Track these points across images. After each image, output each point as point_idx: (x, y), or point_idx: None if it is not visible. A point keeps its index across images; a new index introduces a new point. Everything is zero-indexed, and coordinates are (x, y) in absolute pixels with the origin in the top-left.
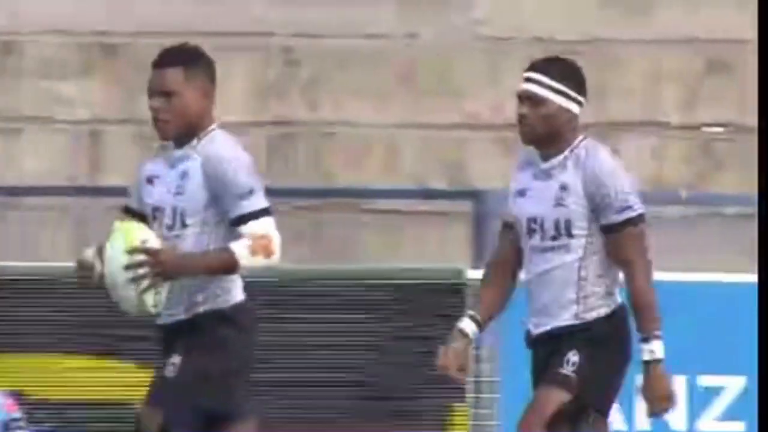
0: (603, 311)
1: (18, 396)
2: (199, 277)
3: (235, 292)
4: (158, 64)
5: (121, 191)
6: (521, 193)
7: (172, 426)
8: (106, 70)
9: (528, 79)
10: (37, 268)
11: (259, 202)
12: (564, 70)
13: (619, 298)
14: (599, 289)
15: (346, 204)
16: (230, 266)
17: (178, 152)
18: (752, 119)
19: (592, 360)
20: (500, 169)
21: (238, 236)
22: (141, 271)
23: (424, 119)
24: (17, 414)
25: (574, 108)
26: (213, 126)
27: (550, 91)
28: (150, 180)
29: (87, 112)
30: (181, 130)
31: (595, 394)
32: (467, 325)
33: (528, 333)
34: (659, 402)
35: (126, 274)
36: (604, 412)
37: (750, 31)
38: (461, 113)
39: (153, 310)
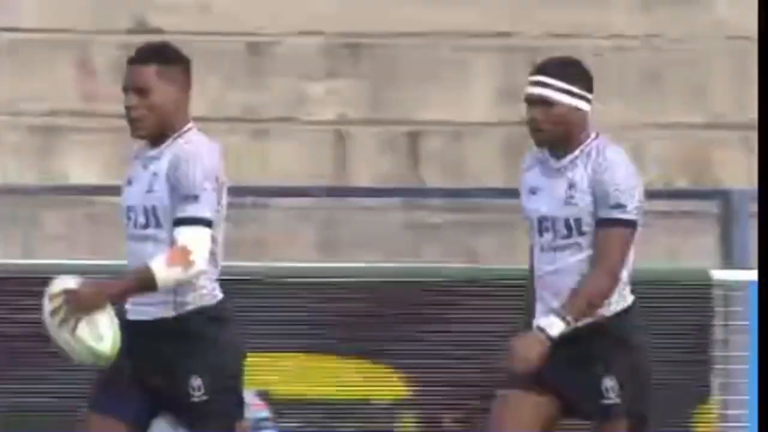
0: (619, 306)
1: (264, 395)
2: (124, 298)
3: (217, 288)
4: (133, 61)
5: (366, 192)
6: (533, 191)
7: None
8: (353, 70)
9: (536, 83)
10: (281, 269)
11: (201, 210)
12: (570, 69)
13: (630, 297)
14: None
15: None
16: (148, 284)
17: (152, 152)
18: None
19: (626, 377)
20: (746, 168)
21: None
22: (62, 312)
23: (670, 119)
24: (265, 413)
25: (584, 106)
26: (189, 125)
27: (559, 93)
28: (130, 182)
29: (333, 112)
30: (155, 128)
31: (641, 406)
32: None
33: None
34: (520, 357)
35: (54, 320)
36: (647, 416)
37: None
38: (707, 113)
39: (102, 347)
